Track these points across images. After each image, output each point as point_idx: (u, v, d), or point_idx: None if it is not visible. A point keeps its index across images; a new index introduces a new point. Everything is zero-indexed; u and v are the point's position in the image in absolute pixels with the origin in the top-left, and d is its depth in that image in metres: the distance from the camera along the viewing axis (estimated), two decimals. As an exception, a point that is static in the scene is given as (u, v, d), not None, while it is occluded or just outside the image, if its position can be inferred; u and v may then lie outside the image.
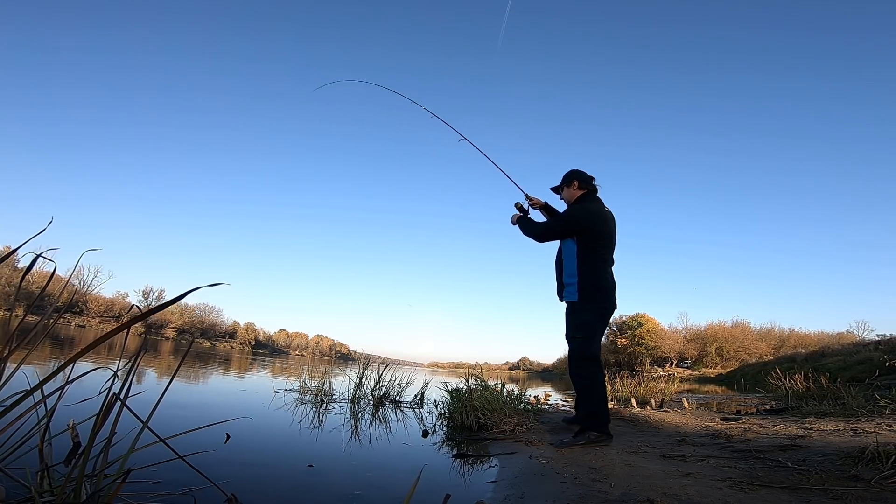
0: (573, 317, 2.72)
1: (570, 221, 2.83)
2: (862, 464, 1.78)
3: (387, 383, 4.51)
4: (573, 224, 2.80)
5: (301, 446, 2.27)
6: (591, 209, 2.81)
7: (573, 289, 2.73)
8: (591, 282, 2.69)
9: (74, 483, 0.92)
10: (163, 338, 37.66)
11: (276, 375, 7.91)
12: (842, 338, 29.96)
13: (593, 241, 2.73)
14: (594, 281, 2.70)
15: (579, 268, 2.71)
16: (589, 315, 2.69)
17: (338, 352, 69.70)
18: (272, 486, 1.55)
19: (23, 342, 1.03)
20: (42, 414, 1.02)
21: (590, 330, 2.67)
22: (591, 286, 2.69)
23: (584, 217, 2.78)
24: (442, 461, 2.22)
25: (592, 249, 2.72)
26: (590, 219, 2.77)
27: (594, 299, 2.69)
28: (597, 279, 2.70)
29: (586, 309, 2.69)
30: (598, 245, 2.74)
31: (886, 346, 15.59)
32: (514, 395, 4.04)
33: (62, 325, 23.39)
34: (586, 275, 2.70)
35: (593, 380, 2.63)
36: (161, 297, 45.04)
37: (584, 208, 2.83)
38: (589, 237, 2.74)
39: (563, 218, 2.92)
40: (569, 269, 2.77)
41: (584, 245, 2.73)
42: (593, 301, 2.69)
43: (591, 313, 2.69)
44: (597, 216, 2.79)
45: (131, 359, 1.04)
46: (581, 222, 2.77)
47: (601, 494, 1.55)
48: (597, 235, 2.75)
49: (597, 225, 2.76)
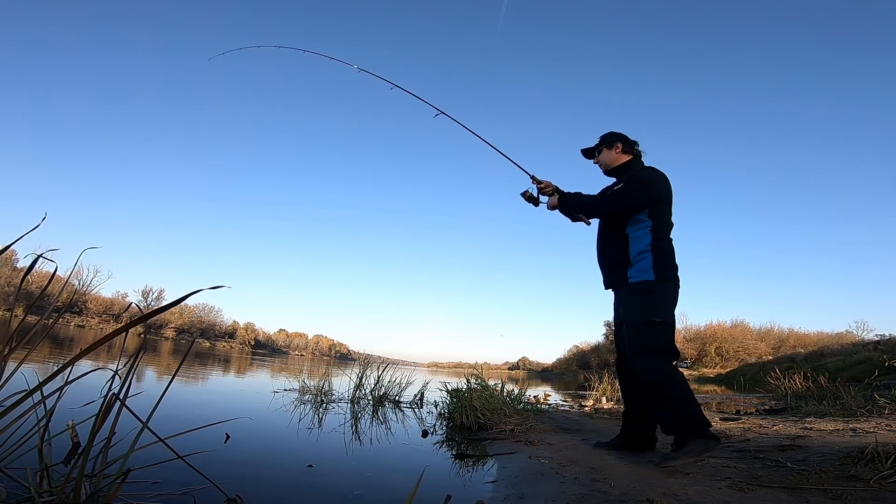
0: (648, 299, 2.28)
1: (648, 189, 2.37)
2: (861, 464, 1.78)
3: (386, 383, 4.51)
4: (651, 192, 2.36)
5: (301, 446, 2.27)
6: (663, 177, 2.42)
7: (646, 264, 2.31)
8: (669, 260, 2.33)
9: (74, 483, 0.92)
10: (162, 338, 37.62)
11: (276, 375, 7.91)
12: (841, 338, 29.96)
13: (666, 214, 2.38)
14: (671, 259, 2.34)
15: (654, 243, 2.32)
16: (668, 296, 2.30)
17: (337, 352, 69.65)
18: (272, 486, 1.55)
19: (22, 342, 1.03)
20: (41, 414, 1.01)
21: (669, 314, 2.28)
22: (669, 264, 2.32)
23: (660, 184, 2.39)
24: (442, 461, 2.22)
25: (665, 223, 2.37)
26: (665, 187, 2.39)
27: (673, 279, 2.32)
28: (673, 257, 2.35)
29: (665, 289, 2.29)
30: (669, 218, 2.39)
31: (886, 346, 15.61)
32: (513, 395, 4.04)
33: (61, 325, 23.37)
34: (663, 250, 2.32)
35: (678, 376, 2.20)
36: (161, 297, 45.04)
37: (657, 174, 2.42)
38: (663, 208, 2.37)
39: (637, 186, 2.40)
40: (638, 245, 2.35)
41: (657, 217, 2.35)
42: (672, 281, 2.31)
43: (671, 295, 2.31)
44: (669, 186, 2.41)
45: (131, 359, 1.04)
46: (658, 190, 2.37)
47: (601, 494, 1.55)
48: (669, 207, 2.40)
49: (670, 195, 2.41)
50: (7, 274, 33.17)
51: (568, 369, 46.40)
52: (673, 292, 2.32)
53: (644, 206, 2.35)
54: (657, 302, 2.26)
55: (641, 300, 2.29)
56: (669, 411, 2.14)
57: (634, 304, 2.32)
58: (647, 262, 2.30)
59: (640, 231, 2.36)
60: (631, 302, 2.34)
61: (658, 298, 2.27)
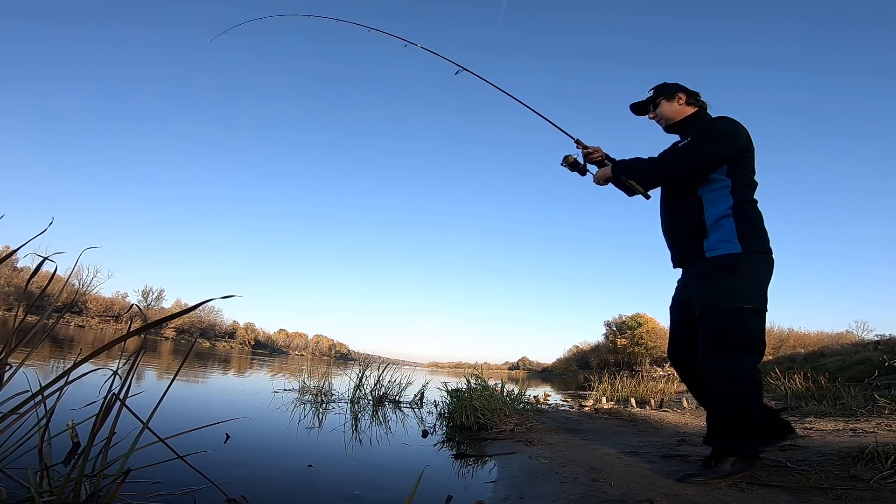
0: (732, 278, 1.80)
1: (728, 141, 1.92)
2: (861, 464, 1.78)
3: (386, 383, 4.52)
4: (732, 143, 1.92)
5: (301, 446, 2.27)
6: (742, 126, 1.96)
7: (727, 232, 1.85)
8: (757, 225, 1.88)
9: (74, 483, 0.92)
10: (162, 338, 37.63)
11: (276, 375, 7.91)
12: (841, 338, 29.94)
13: (749, 171, 1.94)
14: (760, 224, 1.89)
15: (737, 206, 1.87)
16: (758, 273, 1.83)
17: (337, 352, 69.65)
18: (272, 486, 1.55)
19: (22, 342, 1.03)
20: (41, 414, 1.01)
21: (761, 298, 1.80)
22: (757, 230, 1.87)
23: (741, 134, 1.94)
24: (442, 461, 2.22)
25: (748, 182, 1.93)
26: (747, 137, 1.95)
27: (764, 249, 1.86)
28: (761, 222, 1.90)
29: (755, 264, 1.82)
30: (753, 177, 1.96)
31: (886, 346, 15.59)
32: (513, 395, 4.04)
33: (61, 325, 23.37)
34: (748, 213, 1.87)
35: (758, 382, 1.78)
36: (161, 297, 45.10)
37: (736, 123, 1.97)
38: (745, 164, 1.93)
39: (712, 138, 1.94)
40: (716, 209, 1.89)
41: (738, 175, 1.91)
42: (763, 252, 1.85)
43: (762, 271, 1.84)
44: (750, 137, 1.96)
45: (131, 359, 1.04)
46: (740, 141, 1.93)
47: (601, 494, 1.55)
48: (752, 163, 1.96)
49: (753, 148, 1.96)
50: (7, 274, 33.17)
51: (568, 369, 46.43)
52: (765, 267, 1.85)
53: (722, 160, 1.91)
54: (745, 282, 1.79)
55: (724, 281, 1.81)
56: (735, 426, 1.74)
57: (714, 286, 1.82)
58: (729, 230, 1.85)
59: (716, 192, 1.91)
60: (709, 282, 1.85)
61: (746, 277, 1.79)
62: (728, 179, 1.90)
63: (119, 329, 35.04)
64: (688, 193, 1.98)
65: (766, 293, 1.82)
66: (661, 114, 2.18)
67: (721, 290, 1.80)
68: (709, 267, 1.86)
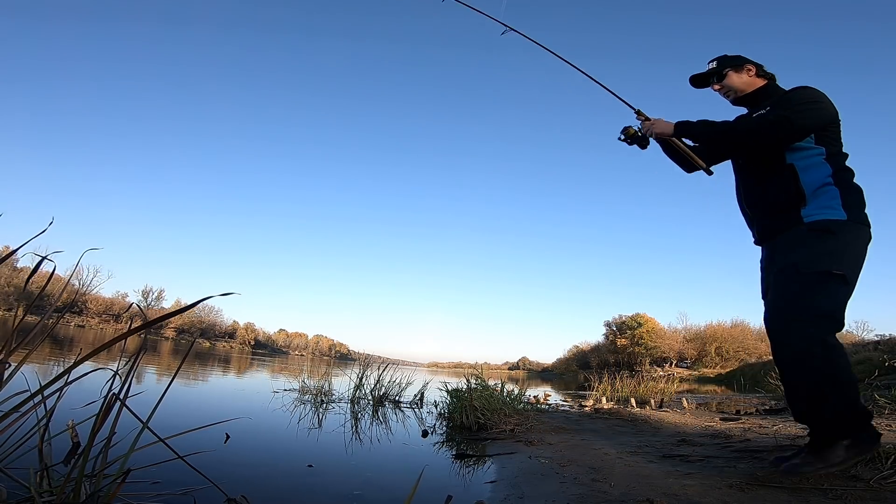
0: (830, 241, 1.69)
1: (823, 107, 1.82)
2: (861, 464, 1.77)
3: (386, 383, 4.52)
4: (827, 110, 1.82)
5: (301, 446, 2.27)
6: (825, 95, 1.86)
7: (830, 199, 1.74)
8: (860, 196, 1.79)
9: (74, 483, 0.92)
10: (162, 338, 37.63)
11: (276, 375, 7.91)
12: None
13: (838, 142, 1.85)
14: (863, 197, 1.80)
15: (837, 173, 1.77)
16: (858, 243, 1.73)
17: (337, 352, 69.68)
18: (272, 486, 1.55)
19: (22, 342, 1.03)
20: (41, 414, 1.01)
21: (854, 269, 1.69)
22: (861, 202, 1.78)
23: (830, 104, 1.84)
24: (442, 461, 2.23)
25: (840, 152, 1.84)
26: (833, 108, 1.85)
27: (866, 221, 1.76)
28: (862, 193, 1.81)
29: (857, 233, 1.73)
30: (842, 148, 1.86)
31: (886, 346, 15.59)
32: (513, 395, 4.04)
33: (61, 325, 23.37)
34: (849, 182, 1.79)
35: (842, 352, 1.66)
36: (161, 297, 45.11)
37: (823, 94, 1.87)
38: (834, 134, 1.84)
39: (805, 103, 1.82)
40: (814, 176, 1.78)
41: (830, 144, 1.82)
42: (865, 224, 1.75)
43: (861, 243, 1.74)
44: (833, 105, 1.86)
45: (131, 359, 1.04)
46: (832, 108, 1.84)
47: (601, 494, 1.55)
48: (839, 133, 1.87)
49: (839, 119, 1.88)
50: (7, 274, 33.18)
51: (568, 369, 46.47)
52: (864, 240, 1.75)
53: (815, 127, 1.80)
54: (842, 247, 1.68)
55: (820, 242, 1.70)
56: (823, 403, 1.60)
57: (809, 247, 1.71)
58: (833, 196, 1.73)
59: (811, 159, 1.80)
60: (801, 245, 1.73)
61: (844, 244, 1.69)
62: (821, 147, 1.81)
63: (119, 329, 35.03)
64: (776, 162, 1.86)
65: (860, 266, 1.71)
66: (729, 85, 2.07)
67: (816, 251, 1.69)
68: (807, 228, 1.74)
